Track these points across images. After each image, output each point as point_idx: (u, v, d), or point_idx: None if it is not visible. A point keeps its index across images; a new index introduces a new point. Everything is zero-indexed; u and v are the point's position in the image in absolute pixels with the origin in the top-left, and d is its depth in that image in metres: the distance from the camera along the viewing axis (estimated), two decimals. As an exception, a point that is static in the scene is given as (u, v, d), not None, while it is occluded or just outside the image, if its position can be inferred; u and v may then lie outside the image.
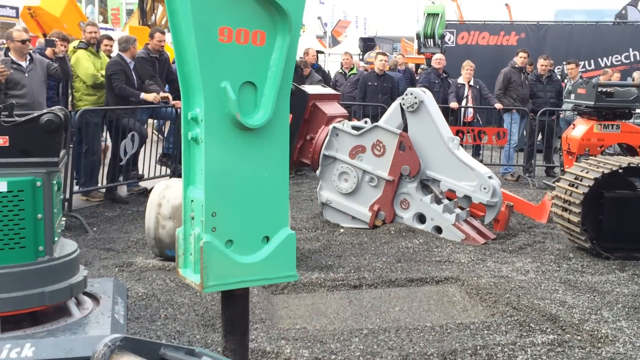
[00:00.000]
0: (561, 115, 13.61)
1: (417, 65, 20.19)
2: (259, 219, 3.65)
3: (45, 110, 5.23)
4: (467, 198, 8.33)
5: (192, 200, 3.62)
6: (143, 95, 9.75)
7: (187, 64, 3.57)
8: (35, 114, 5.15)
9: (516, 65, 13.26)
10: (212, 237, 3.48)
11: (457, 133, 10.88)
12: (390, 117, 8.85)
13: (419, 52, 21.49)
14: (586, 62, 18.94)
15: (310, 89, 11.13)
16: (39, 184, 4.93)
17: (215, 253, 3.49)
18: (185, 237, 3.71)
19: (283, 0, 3.51)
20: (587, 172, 7.50)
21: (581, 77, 14.12)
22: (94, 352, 2.22)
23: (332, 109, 10.55)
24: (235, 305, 3.80)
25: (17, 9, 24.62)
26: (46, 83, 9.41)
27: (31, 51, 9.29)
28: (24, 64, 8.93)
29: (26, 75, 8.87)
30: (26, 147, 4.97)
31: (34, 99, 8.74)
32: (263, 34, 3.58)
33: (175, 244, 3.78)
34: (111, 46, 11.45)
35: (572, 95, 11.65)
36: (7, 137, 4.92)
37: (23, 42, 9.01)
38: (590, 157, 8.44)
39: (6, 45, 9.10)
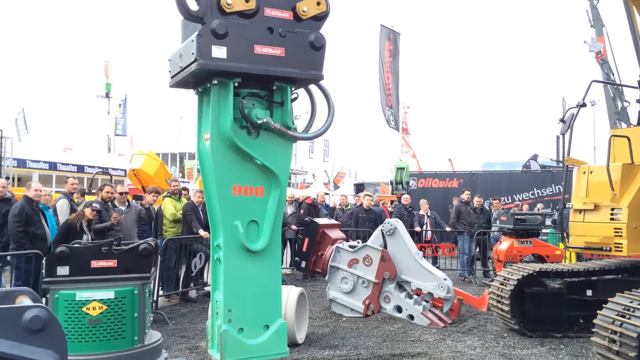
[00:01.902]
0: (491, 235, 13.54)
1: (392, 202, 20.28)
2: (261, 313, 3.71)
3: (142, 241, 5.26)
4: (430, 294, 8.17)
5: (216, 301, 3.67)
6: (200, 232, 9.72)
7: (213, 209, 3.75)
8: (135, 244, 5.18)
9: (463, 200, 13.31)
10: (228, 327, 3.54)
11: (420, 248, 10.80)
12: (375, 238, 8.82)
13: (392, 193, 21.67)
14: (505, 197, 19.02)
15: (320, 220, 11.16)
16: (136, 292, 4.89)
17: (231, 338, 3.53)
18: (212, 326, 3.75)
19: (275, 168, 3.71)
20: (512, 275, 7.39)
21: (502, 209, 14.16)
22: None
23: (335, 233, 10.54)
24: None
25: (125, 170, 25.21)
26: (137, 221, 9.46)
27: (129, 199, 9.42)
28: (123, 208, 9.08)
29: (123, 216, 8.99)
30: (128, 266, 4.96)
31: (127, 232, 8.81)
32: (262, 188, 3.77)
33: (207, 331, 3.80)
34: (187, 193, 11.62)
35: (498, 221, 11.65)
36: (116, 260, 4.93)
37: (121, 194, 9.23)
38: (513, 264, 8.33)
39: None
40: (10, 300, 3.16)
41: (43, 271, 4.91)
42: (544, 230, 12.71)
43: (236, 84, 3.64)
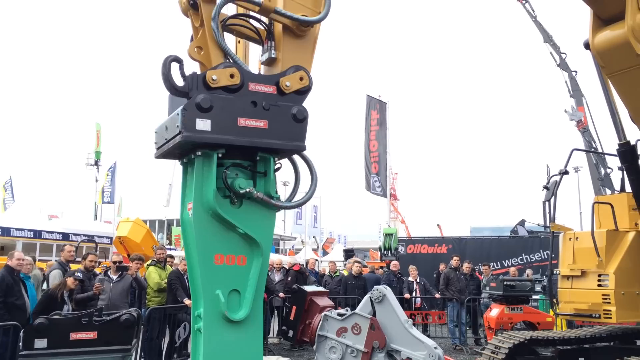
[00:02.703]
0: (481, 301, 13.39)
1: (381, 267, 20.12)
2: None
3: (124, 312, 5.15)
4: (421, 364, 7.96)
5: None
6: (185, 300, 9.51)
7: (194, 279, 3.71)
8: (117, 314, 5.07)
9: (452, 266, 13.22)
10: None
11: (410, 316, 10.62)
12: (364, 306, 8.63)
13: (381, 259, 21.52)
14: (494, 263, 18.96)
15: (308, 288, 10.98)
16: (115, 365, 4.73)
17: None
18: None
19: (258, 236, 3.72)
20: (503, 343, 7.27)
21: (492, 275, 14.09)
22: None
23: (323, 301, 10.36)
24: None
25: (111, 238, 24.95)
26: (128, 291, 9.23)
27: (124, 270, 9.24)
28: (114, 277, 8.93)
29: (111, 285, 8.81)
30: (109, 338, 4.84)
31: (113, 302, 8.58)
32: (244, 257, 3.76)
33: None
34: (172, 261, 11.47)
35: (487, 287, 11.57)
36: (96, 331, 4.80)
37: (114, 262, 9.12)
38: (504, 332, 8.21)
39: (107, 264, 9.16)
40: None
41: (20, 344, 4.76)
42: (534, 297, 12.61)
43: (220, 155, 3.69)
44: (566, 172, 7.48)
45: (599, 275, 6.97)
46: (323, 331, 8.77)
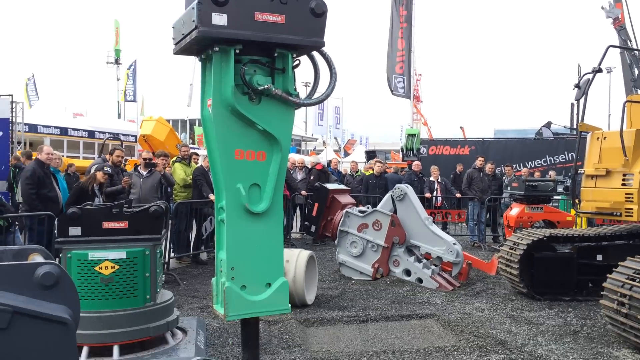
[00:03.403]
0: (502, 201, 13.50)
1: (402, 169, 20.22)
2: (263, 272, 3.80)
3: (152, 204, 5.30)
4: (439, 258, 8.22)
5: (221, 260, 3.77)
6: (210, 196, 9.71)
7: (217, 173, 3.80)
8: (146, 206, 5.22)
9: (476, 167, 13.20)
10: (231, 284, 3.65)
11: (430, 214, 10.80)
12: (385, 204, 8.83)
13: (403, 160, 21.57)
14: (517, 165, 18.89)
15: (330, 186, 11.18)
16: (147, 252, 4.95)
17: (233, 294, 3.64)
18: (217, 283, 3.87)
19: (276, 133, 3.73)
20: (522, 240, 7.39)
21: (514, 175, 14.07)
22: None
23: (345, 199, 10.56)
24: (249, 328, 3.97)
25: (136, 136, 25.27)
26: (157, 186, 9.43)
27: (153, 167, 9.38)
28: (144, 173, 9.14)
29: (141, 180, 9.03)
30: (139, 228, 5.01)
31: (144, 197, 8.82)
32: (264, 153, 3.81)
33: (212, 288, 3.93)
34: (197, 159, 11.64)
35: (509, 188, 11.60)
36: (127, 221, 4.97)
37: (144, 159, 9.32)
38: (523, 230, 8.33)
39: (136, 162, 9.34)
40: (23, 258, 3.21)
41: (55, 232, 4.98)
42: (555, 197, 12.64)
43: (237, 51, 3.61)
44: (599, 70, 7.20)
45: (624, 175, 6.91)
46: (344, 227, 9.05)
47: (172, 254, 9.45)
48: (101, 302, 4.68)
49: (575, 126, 24.54)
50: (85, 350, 4.63)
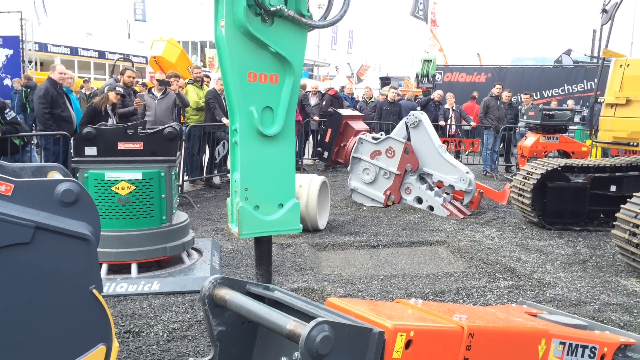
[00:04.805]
0: (517, 131, 13.35)
1: (416, 97, 19.91)
2: (275, 193, 3.90)
3: (167, 125, 5.29)
4: (451, 186, 8.24)
5: (235, 180, 3.84)
6: (223, 119, 9.65)
7: (230, 96, 3.79)
8: (160, 127, 5.22)
9: (493, 95, 12.91)
10: (245, 204, 3.74)
11: (444, 142, 10.74)
12: (399, 131, 8.76)
13: (417, 86, 21.22)
14: (535, 93, 18.53)
15: (344, 111, 11.10)
16: (162, 174, 5.00)
17: (247, 214, 3.74)
18: (231, 203, 3.97)
19: (289, 56, 3.68)
20: (536, 169, 7.36)
21: (532, 104, 13.83)
22: (203, 286, 2.19)
23: (359, 125, 10.52)
24: (262, 246, 4.10)
25: (146, 57, 24.93)
26: (172, 108, 9.39)
27: (167, 85, 9.29)
28: (158, 94, 9.06)
29: (155, 102, 8.98)
30: (154, 149, 5.03)
31: (159, 119, 8.82)
32: (277, 75, 3.79)
33: (226, 207, 4.05)
34: (209, 82, 11.51)
35: (525, 116, 11.44)
36: (142, 142, 4.99)
37: (157, 80, 9.24)
38: (538, 160, 8.28)
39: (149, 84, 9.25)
40: (42, 175, 3.25)
41: (71, 151, 5.01)
42: (571, 127, 12.47)
43: None
44: (629, -7, 6.89)
45: (645, 105, 6.77)
46: (357, 153, 9.03)
47: (185, 178, 9.54)
48: (119, 221, 4.78)
49: (596, 54, 23.85)
50: (104, 267, 4.78)
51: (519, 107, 14.16)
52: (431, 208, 8.17)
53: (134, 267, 4.81)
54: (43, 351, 2.43)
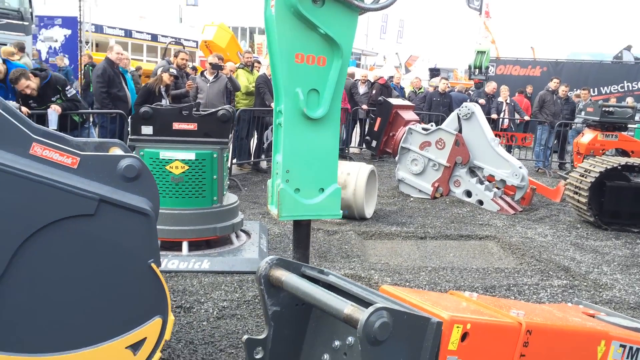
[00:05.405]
0: (573, 127, 12.91)
1: (467, 89, 19.53)
2: (317, 177, 3.86)
3: (220, 107, 5.35)
4: (503, 181, 8.05)
5: (277, 162, 3.83)
6: (272, 104, 9.64)
7: (276, 76, 3.78)
8: (214, 110, 5.28)
9: (550, 89, 12.51)
10: (286, 186, 3.73)
11: (495, 136, 10.49)
12: (450, 122, 8.61)
13: (470, 78, 20.78)
14: (592, 89, 17.88)
15: (394, 100, 10.98)
16: (215, 155, 5.06)
17: (287, 196, 3.73)
18: (272, 185, 3.96)
19: (338, 38, 3.62)
20: (594, 167, 7.12)
21: (590, 100, 13.36)
22: (259, 266, 2.19)
23: (409, 115, 10.38)
24: (301, 230, 4.06)
25: (197, 41, 25.28)
26: (224, 92, 9.49)
27: (219, 69, 9.40)
28: (210, 78, 9.17)
29: (207, 85, 9.09)
30: (208, 131, 5.09)
31: (210, 102, 8.92)
32: (325, 58, 3.73)
33: (267, 189, 4.05)
34: (259, 67, 11.57)
35: (583, 112, 11.07)
36: (196, 123, 5.05)
37: (210, 63, 9.34)
38: (596, 157, 8.00)
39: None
40: (104, 150, 3.33)
41: (129, 129, 5.12)
42: (630, 126, 11.98)
43: None
44: None
45: None
46: (406, 144, 8.92)
47: (233, 161, 9.64)
48: (172, 200, 4.87)
49: (660, 50, 22.79)
50: (156, 244, 4.87)
51: (577, 102, 13.69)
52: (480, 202, 8.01)
53: (185, 245, 4.90)
54: (102, 320, 2.49)
